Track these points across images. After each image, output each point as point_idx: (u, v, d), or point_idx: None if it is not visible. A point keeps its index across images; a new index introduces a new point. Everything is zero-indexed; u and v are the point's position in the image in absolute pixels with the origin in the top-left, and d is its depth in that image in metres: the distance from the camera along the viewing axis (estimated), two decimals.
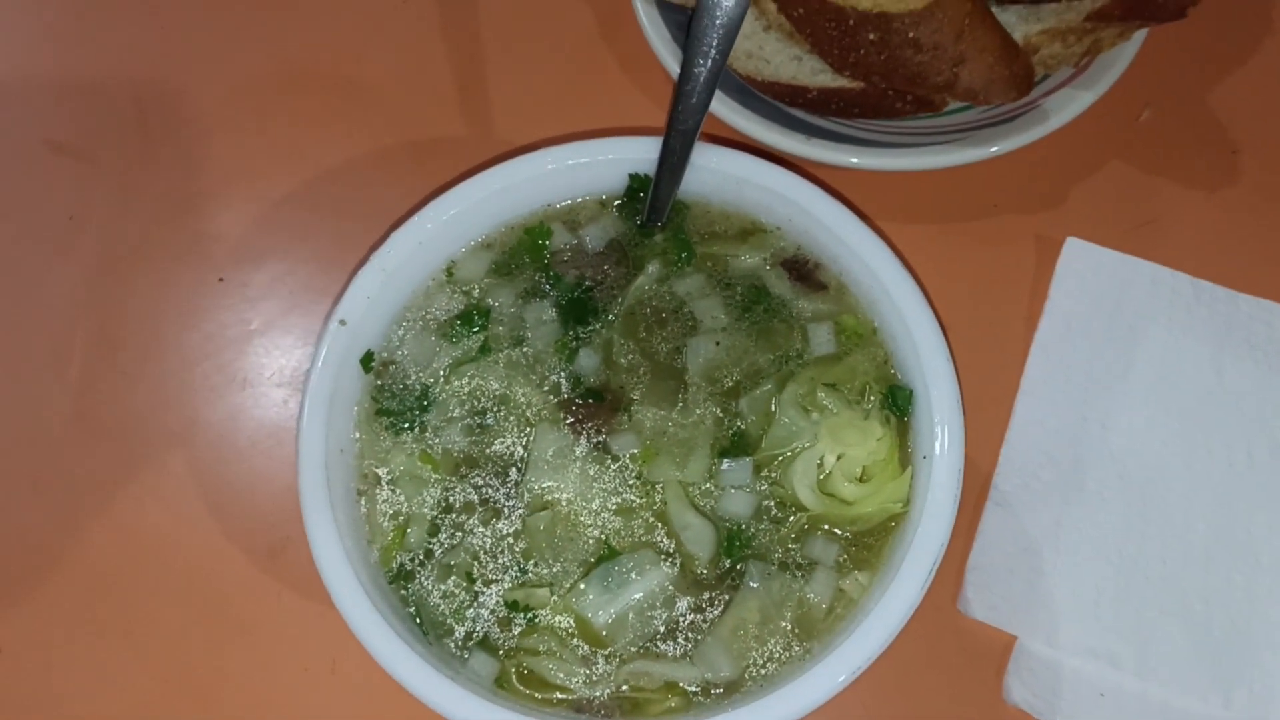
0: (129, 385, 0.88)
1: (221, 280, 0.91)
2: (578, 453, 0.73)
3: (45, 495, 0.85)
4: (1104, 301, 0.86)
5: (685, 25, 0.90)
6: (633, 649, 0.68)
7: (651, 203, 0.78)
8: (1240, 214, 0.90)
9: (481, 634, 0.69)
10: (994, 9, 0.84)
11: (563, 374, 0.75)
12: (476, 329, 0.77)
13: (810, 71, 0.88)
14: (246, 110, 0.98)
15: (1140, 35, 0.88)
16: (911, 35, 0.80)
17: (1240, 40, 0.96)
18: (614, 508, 0.72)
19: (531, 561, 0.71)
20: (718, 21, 0.71)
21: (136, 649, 0.80)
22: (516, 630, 0.69)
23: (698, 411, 0.73)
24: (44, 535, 0.84)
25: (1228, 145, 0.92)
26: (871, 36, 0.81)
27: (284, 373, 0.88)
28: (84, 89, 1.00)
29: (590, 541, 0.71)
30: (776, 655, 0.67)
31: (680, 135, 0.73)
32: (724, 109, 0.87)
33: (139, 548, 0.84)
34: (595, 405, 0.74)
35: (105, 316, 0.91)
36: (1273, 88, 0.95)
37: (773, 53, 0.89)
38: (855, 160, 0.86)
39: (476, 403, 0.75)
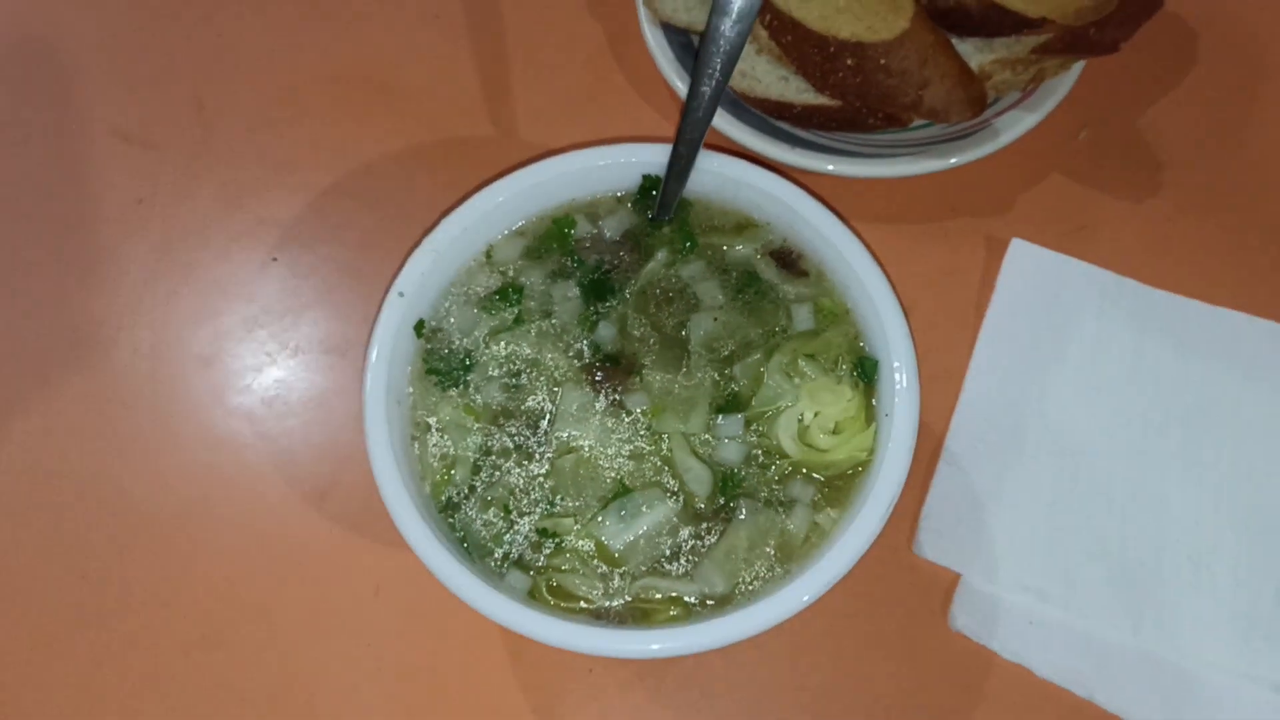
0: (195, 352, 0.93)
1: (275, 260, 0.97)
2: (598, 408, 0.77)
3: (127, 443, 0.90)
4: (1043, 294, 0.92)
5: (686, 45, 0.97)
6: (643, 568, 0.73)
7: (661, 200, 0.82)
8: (1162, 221, 0.95)
9: (517, 555, 0.74)
10: (954, 40, 0.90)
11: (585, 342, 0.79)
12: (512, 303, 0.81)
13: (795, 90, 0.93)
14: (295, 108, 1.03)
15: (1079, 66, 0.94)
16: (883, 62, 0.86)
17: (1166, 71, 1.02)
18: (628, 454, 0.76)
19: (559, 496, 0.75)
20: (721, 48, 0.78)
21: (205, 575, 0.85)
22: (546, 552, 0.74)
23: (698, 375, 0.78)
24: (126, 478, 0.89)
25: (1153, 162, 0.98)
26: (849, 62, 0.87)
27: (330, 341, 0.94)
28: (151, 86, 1.05)
29: (608, 481, 0.75)
30: (761, 575, 0.73)
31: (687, 144, 0.79)
32: (720, 121, 0.92)
33: (206, 488, 0.88)
34: (612, 369, 0.78)
35: (171, 290, 0.96)
36: (1193, 112, 1.00)
37: (763, 73, 0.94)
38: (832, 168, 0.92)
39: (511, 365, 0.79)
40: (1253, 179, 0.98)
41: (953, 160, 0.91)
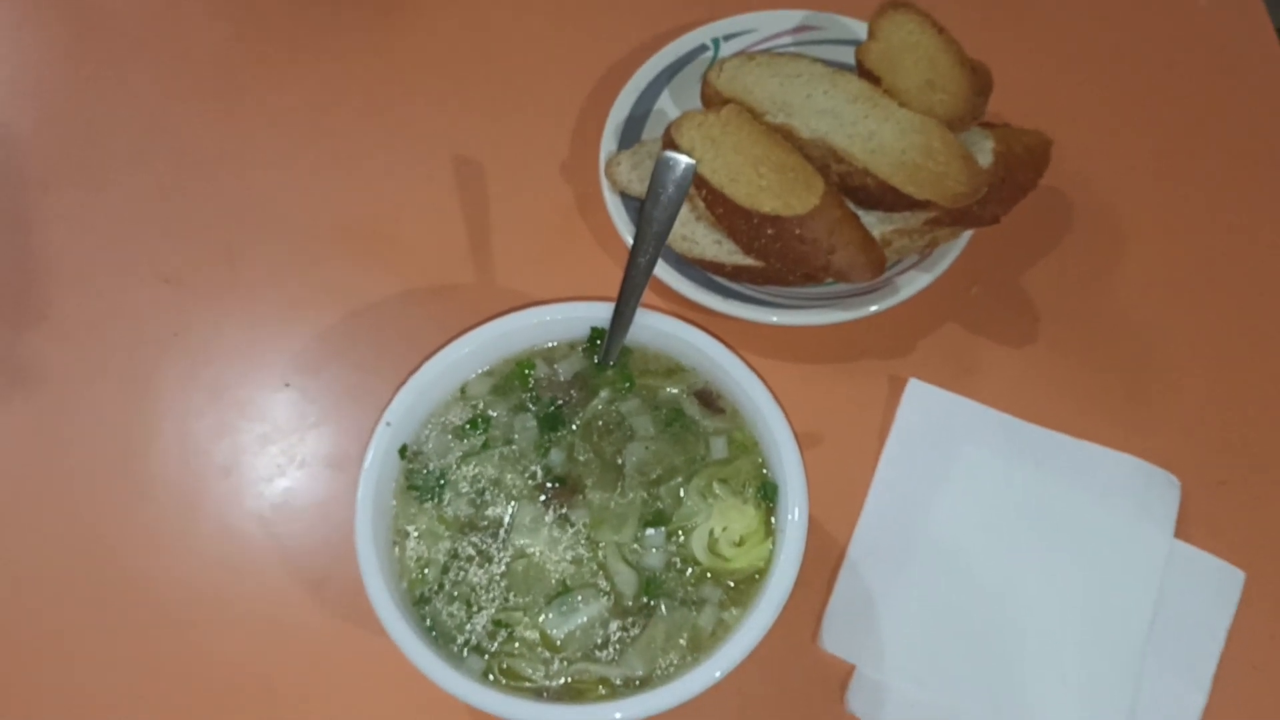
0: (216, 463, 1.02)
1: (287, 385, 1.06)
2: (547, 520, 0.85)
3: (157, 538, 0.99)
4: (933, 426, 1.00)
5: (639, 209, 0.99)
6: (578, 655, 0.81)
7: (606, 348, 0.90)
8: (1036, 364, 1.04)
9: (475, 642, 0.81)
10: (860, 212, 0.99)
11: (538, 466, 0.87)
12: (480, 432, 0.88)
13: (727, 252, 1.02)
14: (310, 253, 1.12)
15: (967, 234, 1.02)
16: (798, 232, 0.95)
17: (1044, 235, 1.11)
18: (570, 559, 0.84)
19: (512, 594, 0.83)
20: (654, 230, 0.87)
21: (218, 651, 0.94)
22: (499, 640, 0.81)
23: (631, 495, 0.86)
24: (154, 568, 0.97)
25: (1032, 314, 1.07)
26: (770, 231, 0.96)
27: (331, 456, 1.02)
28: (188, 234, 1.14)
29: (553, 581, 0.83)
30: (675, 662, 0.81)
31: (627, 304, 0.88)
32: (665, 274, 1.01)
33: (222, 578, 0.97)
34: (560, 488, 0.86)
35: (198, 410, 1.04)
36: (1066, 270, 1.09)
37: (701, 237, 1.04)
38: (756, 316, 1.00)
39: (477, 484, 0.87)
40: (1114, 329, 1.07)
41: (863, 311, 1.00)
